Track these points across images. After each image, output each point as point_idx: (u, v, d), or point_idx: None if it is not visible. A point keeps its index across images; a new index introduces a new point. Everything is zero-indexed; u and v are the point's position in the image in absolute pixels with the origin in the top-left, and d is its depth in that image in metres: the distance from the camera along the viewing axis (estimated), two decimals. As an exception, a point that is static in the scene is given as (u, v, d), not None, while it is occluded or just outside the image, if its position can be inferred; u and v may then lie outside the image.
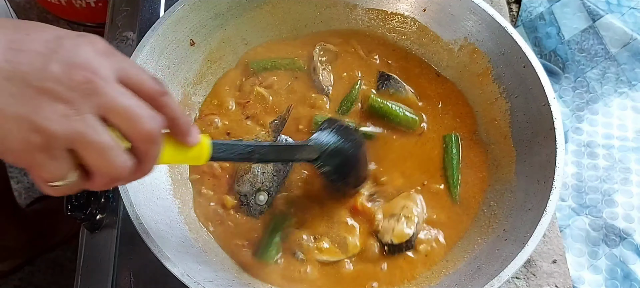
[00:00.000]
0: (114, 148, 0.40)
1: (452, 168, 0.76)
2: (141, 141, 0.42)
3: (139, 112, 0.41)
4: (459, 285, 0.65)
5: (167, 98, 0.45)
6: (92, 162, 0.40)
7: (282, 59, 0.86)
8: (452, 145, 0.78)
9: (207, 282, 0.59)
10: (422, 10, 0.85)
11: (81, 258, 0.75)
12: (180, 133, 0.48)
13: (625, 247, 0.84)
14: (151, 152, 0.43)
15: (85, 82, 0.39)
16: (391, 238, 0.70)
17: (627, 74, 0.99)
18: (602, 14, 1.02)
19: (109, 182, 0.43)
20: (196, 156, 0.51)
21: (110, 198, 0.76)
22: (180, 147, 0.48)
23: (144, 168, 0.44)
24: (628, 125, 0.95)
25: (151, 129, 0.42)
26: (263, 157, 0.62)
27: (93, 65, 0.39)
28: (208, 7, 0.79)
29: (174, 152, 0.48)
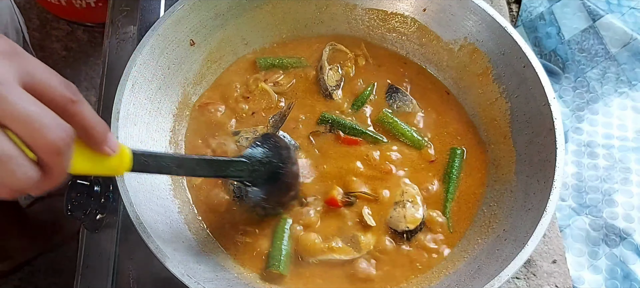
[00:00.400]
0: (13, 158, 0.37)
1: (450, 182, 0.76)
2: (44, 152, 0.39)
3: (41, 120, 0.38)
4: (459, 285, 0.65)
5: (78, 105, 0.41)
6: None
7: (289, 58, 0.86)
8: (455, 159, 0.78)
9: (207, 282, 0.59)
10: (422, 10, 0.85)
11: (81, 258, 0.75)
12: (94, 142, 0.44)
13: (625, 247, 0.84)
14: (57, 164, 0.40)
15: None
16: (406, 226, 0.71)
17: (627, 73, 0.99)
18: (602, 14, 1.02)
19: (11, 193, 0.40)
20: (115, 166, 0.48)
21: (110, 198, 0.76)
22: (96, 156, 0.46)
23: (52, 179, 0.41)
24: (628, 125, 0.95)
25: (55, 139, 0.38)
26: (191, 171, 0.60)
27: None
28: (208, 7, 0.79)
29: (89, 162, 0.45)
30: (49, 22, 1.87)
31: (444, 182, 0.76)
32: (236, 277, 0.68)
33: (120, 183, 0.63)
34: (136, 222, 0.61)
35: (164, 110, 0.76)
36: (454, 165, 0.77)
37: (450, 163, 0.77)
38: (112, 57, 0.89)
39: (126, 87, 0.69)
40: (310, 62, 0.86)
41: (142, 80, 0.72)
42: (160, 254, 0.59)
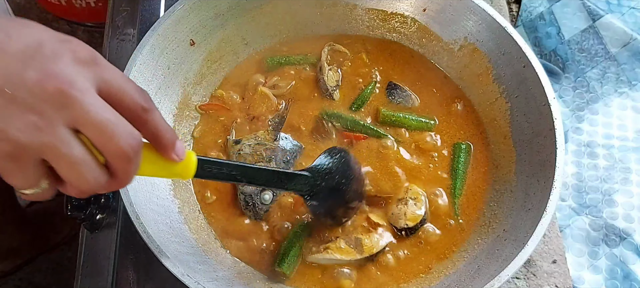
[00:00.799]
0: (85, 163, 0.39)
1: (457, 177, 0.76)
2: (114, 158, 0.41)
3: (114, 128, 0.40)
4: (459, 285, 0.65)
5: (150, 113, 0.43)
6: (62, 174, 0.40)
7: (296, 55, 0.86)
8: (461, 154, 0.78)
9: (207, 282, 0.59)
10: (422, 10, 0.85)
11: (81, 258, 0.75)
12: (164, 149, 0.46)
13: (625, 247, 0.84)
14: (125, 170, 0.42)
15: (59, 93, 0.37)
16: (406, 223, 0.71)
17: (627, 73, 0.99)
18: (602, 14, 1.02)
19: (81, 193, 0.42)
20: (180, 172, 0.50)
21: (110, 198, 0.76)
22: (163, 161, 0.47)
23: (119, 183, 0.43)
24: (628, 125, 0.95)
25: (126, 147, 0.40)
26: (252, 180, 0.60)
27: (69, 75, 0.38)
28: (208, 7, 0.79)
29: (156, 166, 0.47)
30: (49, 22, 1.87)
31: (451, 178, 0.76)
32: (236, 276, 0.68)
33: (120, 183, 0.63)
34: (136, 222, 0.61)
35: (164, 110, 0.76)
36: (460, 160, 0.77)
37: (455, 159, 0.78)
38: (112, 57, 0.89)
39: (126, 87, 0.69)
40: (315, 59, 0.87)
41: (142, 80, 0.72)
42: (160, 254, 0.59)
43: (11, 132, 0.36)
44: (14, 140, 0.37)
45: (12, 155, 0.37)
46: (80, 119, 0.38)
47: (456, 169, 0.77)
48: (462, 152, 0.78)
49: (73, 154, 0.39)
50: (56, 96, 0.37)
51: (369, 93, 0.83)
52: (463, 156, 0.78)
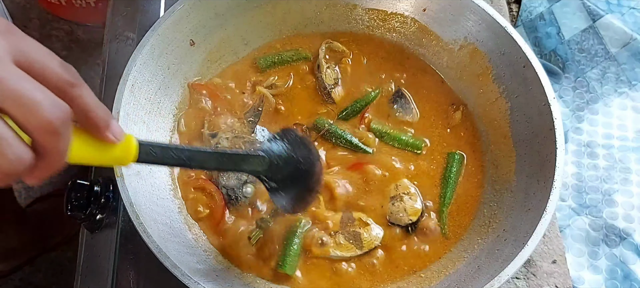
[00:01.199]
0: (4, 140, 0.34)
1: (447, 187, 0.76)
2: (39, 132, 0.36)
3: (35, 97, 0.35)
4: (459, 285, 0.65)
5: (78, 88, 0.39)
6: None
7: (287, 51, 0.86)
8: (454, 163, 0.77)
9: (207, 282, 0.59)
10: (422, 10, 0.85)
11: (81, 258, 0.75)
12: (96, 128, 0.41)
13: (625, 247, 0.84)
14: (53, 146, 0.37)
15: None
16: (410, 218, 0.72)
17: (627, 73, 0.99)
18: (602, 14, 1.02)
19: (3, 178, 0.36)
20: (119, 156, 0.45)
21: (110, 198, 0.76)
22: (99, 145, 0.43)
23: (49, 163, 0.38)
24: (628, 125, 0.95)
25: (50, 117, 0.35)
26: (202, 164, 0.56)
27: None
28: (208, 7, 0.79)
29: (91, 150, 0.43)
30: (49, 22, 1.87)
31: (441, 186, 0.76)
32: (236, 276, 0.68)
33: (120, 183, 0.63)
34: (136, 222, 0.61)
35: (164, 110, 0.76)
36: (452, 170, 0.77)
37: (448, 168, 0.77)
38: (112, 57, 0.89)
39: (126, 87, 0.69)
40: (309, 54, 0.87)
41: (142, 80, 0.72)
42: (160, 254, 0.59)
43: None
44: None
45: None
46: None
47: (447, 179, 0.76)
48: (455, 162, 0.77)
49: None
50: None
51: (373, 98, 0.83)
52: (455, 166, 0.77)
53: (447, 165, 0.77)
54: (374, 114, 0.82)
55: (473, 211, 0.75)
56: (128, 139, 0.46)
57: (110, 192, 0.76)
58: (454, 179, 0.76)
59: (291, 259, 0.69)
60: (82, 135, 0.42)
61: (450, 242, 0.73)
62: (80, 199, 0.72)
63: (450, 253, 0.72)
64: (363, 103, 0.82)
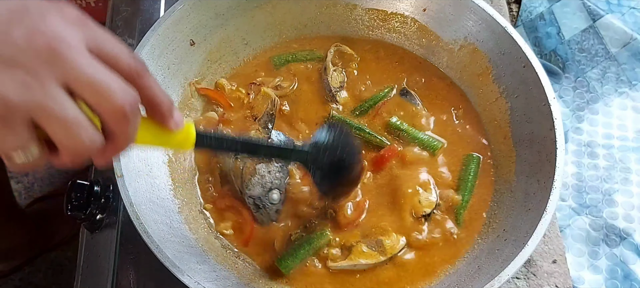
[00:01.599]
0: (80, 124, 0.37)
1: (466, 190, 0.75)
2: (111, 117, 0.38)
3: (109, 84, 0.37)
4: (459, 285, 0.65)
5: (146, 79, 0.41)
6: (55, 137, 0.37)
7: (302, 51, 0.87)
8: (471, 165, 0.77)
9: (207, 282, 0.59)
10: (422, 10, 0.85)
11: (81, 258, 0.75)
12: (161, 115, 0.44)
13: (625, 247, 0.84)
14: (123, 130, 0.39)
15: (48, 49, 0.35)
16: (424, 210, 0.73)
17: (627, 73, 0.99)
18: (602, 13, 1.02)
19: (75, 159, 0.39)
20: (179, 141, 0.49)
21: (110, 198, 0.76)
22: (161, 130, 0.46)
23: (117, 146, 0.40)
24: (628, 125, 0.95)
25: (123, 104, 0.38)
26: (252, 152, 0.61)
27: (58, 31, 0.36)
28: (208, 7, 0.79)
29: (154, 135, 0.46)
30: (49, 22, 1.87)
31: (459, 189, 0.75)
32: (236, 276, 0.68)
33: (120, 183, 0.63)
34: (136, 222, 0.61)
35: (164, 110, 0.76)
36: (471, 172, 0.76)
37: (466, 170, 0.76)
38: (112, 57, 0.89)
39: (126, 87, 0.69)
40: (322, 56, 0.87)
41: (142, 80, 0.72)
42: (160, 254, 0.59)
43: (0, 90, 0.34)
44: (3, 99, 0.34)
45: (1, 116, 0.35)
46: (72, 76, 0.36)
47: (466, 180, 0.76)
48: (473, 163, 0.77)
49: (66, 113, 0.36)
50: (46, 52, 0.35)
51: (382, 97, 0.83)
52: (474, 167, 0.76)
53: (465, 166, 0.77)
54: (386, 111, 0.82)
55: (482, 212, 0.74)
56: (188, 126, 0.49)
57: (110, 192, 0.76)
58: (472, 181, 0.76)
59: (293, 261, 0.69)
60: (146, 121, 0.45)
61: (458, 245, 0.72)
62: (80, 199, 0.72)
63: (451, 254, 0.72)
64: (376, 99, 0.82)
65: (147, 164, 0.70)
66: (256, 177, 0.71)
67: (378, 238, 0.70)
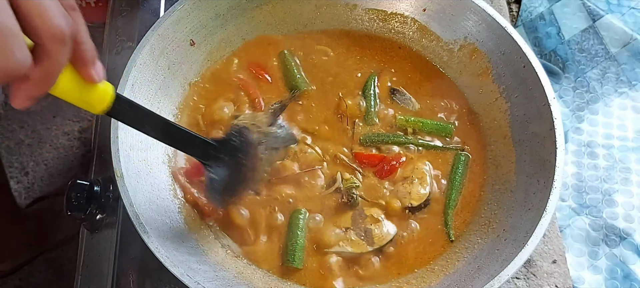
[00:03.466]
0: (15, 35, 0.36)
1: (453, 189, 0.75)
2: (48, 37, 0.37)
3: (52, 6, 0.37)
4: (459, 285, 0.65)
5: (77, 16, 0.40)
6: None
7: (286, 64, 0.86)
8: (459, 165, 0.77)
9: (207, 282, 0.59)
10: (422, 10, 0.85)
11: (81, 258, 0.75)
12: (83, 60, 0.43)
13: (625, 247, 0.84)
14: (56, 54, 0.38)
15: None
16: (410, 202, 0.72)
17: (627, 73, 0.99)
18: (602, 14, 1.02)
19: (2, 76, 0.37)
20: (94, 100, 0.46)
21: (110, 198, 0.76)
22: (78, 80, 0.43)
23: (44, 74, 0.39)
24: (628, 125, 0.95)
25: (64, 27, 0.38)
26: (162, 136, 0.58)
27: None
28: (208, 7, 0.79)
29: (71, 85, 0.43)
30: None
31: (447, 188, 0.76)
32: (236, 276, 0.68)
33: (120, 183, 0.63)
34: (136, 222, 0.61)
35: (164, 111, 0.76)
36: (458, 171, 0.76)
37: (453, 170, 0.76)
38: (112, 57, 0.89)
39: (126, 87, 0.69)
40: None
41: (142, 80, 0.72)
42: (160, 254, 0.59)
43: None
44: None
45: None
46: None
47: (453, 180, 0.76)
48: (461, 163, 0.77)
49: (4, 22, 0.35)
50: None
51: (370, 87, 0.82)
52: (461, 167, 0.77)
53: (452, 166, 0.77)
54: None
55: (475, 211, 0.75)
56: (106, 85, 0.46)
57: (110, 192, 0.76)
58: (459, 180, 0.76)
59: (299, 253, 0.69)
60: (67, 66, 0.42)
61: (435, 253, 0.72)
62: (80, 199, 0.72)
63: (450, 253, 0.72)
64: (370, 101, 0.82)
65: (147, 164, 0.70)
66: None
67: (367, 227, 0.71)
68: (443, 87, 0.84)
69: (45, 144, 1.66)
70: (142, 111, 0.53)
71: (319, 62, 0.86)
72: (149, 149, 0.71)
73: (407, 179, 0.74)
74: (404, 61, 0.87)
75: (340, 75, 0.85)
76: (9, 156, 1.63)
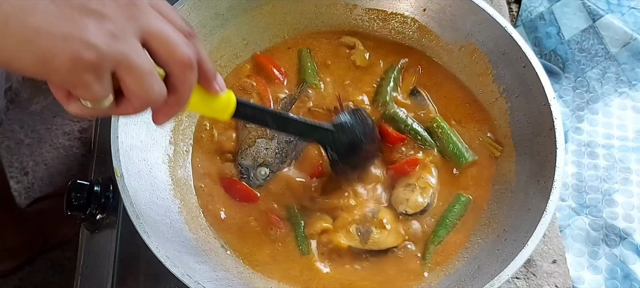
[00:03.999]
0: (153, 74, 0.40)
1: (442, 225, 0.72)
2: (178, 66, 0.42)
3: (175, 38, 0.41)
4: (459, 285, 0.65)
5: (196, 40, 0.45)
6: (130, 85, 0.40)
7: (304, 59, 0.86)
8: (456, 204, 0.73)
9: (207, 282, 0.59)
10: (422, 10, 0.85)
11: (81, 258, 0.75)
12: (206, 79, 0.48)
13: (625, 247, 0.84)
14: (187, 80, 0.43)
15: (129, 4, 0.39)
16: (405, 209, 0.72)
17: (627, 73, 0.99)
18: (602, 13, 1.02)
19: (141, 108, 0.42)
20: (221, 108, 0.52)
21: (110, 198, 0.76)
22: (205, 95, 0.49)
23: (178, 98, 0.44)
24: (628, 125, 0.95)
25: (189, 55, 0.42)
26: (282, 127, 0.65)
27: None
28: (208, 7, 0.79)
29: (200, 99, 0.49)
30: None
31: (437, 223, 0.72)
32: (236, 276, 0.68)
33: (120, 183, 0.63)
34: (136, 222, 0.61)
35: (164, 110, 0.76)
36: (453, 210, 0.73)
37: (449, 208, 0.73)
38: (112, 57, 0.89)
39: (126, 87, 0.69)
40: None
41: (142, 80, 0.72)
42: (160, 254, 0.59)
43: (92, 39, 0.36)
44: (94, 46, 0.36)
45: (92, 64, 0.37)
46: (146, 29, 0.40)
47: (445, 217, 0.72)
48: (459, 203, 0.73)
49: (143, 64, 0.39)
50: (127, 7, 0.39)
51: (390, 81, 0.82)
52: (458, 208, 0.73)
53: (450, 205, 0.74)
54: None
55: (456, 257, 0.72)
56: (229, 93, 0.52)
57: (110, 192, 0.76)
58: (452, 220, 0.72)
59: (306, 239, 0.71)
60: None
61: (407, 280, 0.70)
62: (80, 199, 0.72)
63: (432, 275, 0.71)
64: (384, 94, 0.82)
65: (147, 164, 0.70)
66: (252, 149, 0.75)
67: (368, 227, 0.71)
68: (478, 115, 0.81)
69: (45, 144, 1.66)
70: (260, 109, 0.63)
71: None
72: (149, 149, 0.71)
73: (410, 186, 0.73)
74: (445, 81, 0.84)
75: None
76: (9, 156, 1.63)
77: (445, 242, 0.72)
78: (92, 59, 0.37)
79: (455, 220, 0.73)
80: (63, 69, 0.36)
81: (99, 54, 0.37)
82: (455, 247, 0.71)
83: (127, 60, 0.38)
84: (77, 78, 0.37)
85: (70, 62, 0.36)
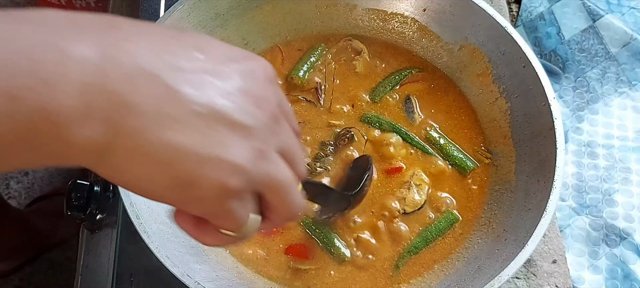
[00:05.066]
0: (296, 186, 0.36)
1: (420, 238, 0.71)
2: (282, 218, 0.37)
3: (299, 151, 0.37)
4: (459, 285, 0.65)
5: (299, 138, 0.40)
6: (277, 204, 0.35)
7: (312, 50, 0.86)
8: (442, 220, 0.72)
9: (207, 282, 0.59)
10: (422, 10, 0.85)
11: (81, 258, 0.75)
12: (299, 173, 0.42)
13: (626, 246, 0.84)
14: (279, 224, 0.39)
15: (273, 117, 0.33)
16: (404, 208, 0.72)
17: (627, 73, 0.99)
18: (602, 13, 1.02)
19: (281, 224, 0.38)
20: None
21: (110, 198, 0.76)
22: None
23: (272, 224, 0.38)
24: (628, 125, 0.95)
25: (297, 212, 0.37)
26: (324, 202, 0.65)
27: (280, 97, 0.35)
28: (208, 7, 0.79)
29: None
30: (49, 22, 1.87)
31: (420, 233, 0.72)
32: (236, 277, 0.68)
33: (120, 184, 0.63)
34: (136, 222, 0.61)
35: (164, 110, 0.76)
36: (439, 225, 0.72)
37: (435, 223, 0.72)
38: (112, 57, 0.89)
39: (126, 87, 0.69)
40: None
41: (142, 80, 0.72)
42: (160, 254, 0.59)
43: (240, 162, 0.30)
44: (245, 172, 0.31)
45: (240, 191, 0.31)
46: (285, 144, 0.35)
47: (426, 230, 0.71)
48: (444, 219, 0.72)
49: (291, 182, 0.35)
50: (271, 120, 0.33)
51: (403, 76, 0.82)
52: (443, 223, 0.72)
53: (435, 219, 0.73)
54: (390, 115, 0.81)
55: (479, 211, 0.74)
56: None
57: (110, 192, 0.76)
58: (433, 234, 0.71)
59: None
60: None
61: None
62: (80, 199, 0.72)
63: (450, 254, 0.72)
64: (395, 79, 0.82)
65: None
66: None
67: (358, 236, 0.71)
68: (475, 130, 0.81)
69: (45, 144, 1.66)
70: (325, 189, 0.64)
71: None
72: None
73: (405, 184, 0.74)
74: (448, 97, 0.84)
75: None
76: (9, 156, 1.63)
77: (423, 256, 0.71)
78: (239, 185, 0.31)
79: (436, 237, 0.71)
80: (207, 198, 0.31)
81: (248, 178, 0.31)
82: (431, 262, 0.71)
83: (274, 179, 0.33)
84: (221, 207, 0.31)
85: (216, 190, 0.30)
